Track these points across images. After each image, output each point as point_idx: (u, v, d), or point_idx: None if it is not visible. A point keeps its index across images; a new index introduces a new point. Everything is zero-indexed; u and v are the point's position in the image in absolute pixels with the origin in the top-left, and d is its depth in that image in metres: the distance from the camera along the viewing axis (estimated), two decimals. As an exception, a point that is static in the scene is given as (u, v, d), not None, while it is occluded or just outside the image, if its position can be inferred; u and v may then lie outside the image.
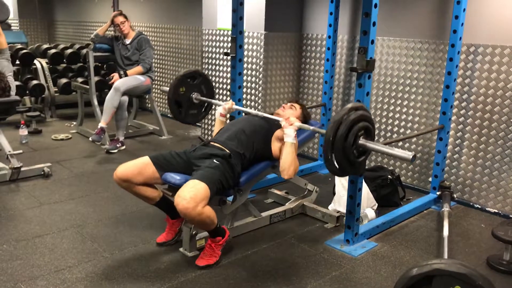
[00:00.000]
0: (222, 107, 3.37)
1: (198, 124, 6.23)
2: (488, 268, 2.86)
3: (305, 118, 3.31)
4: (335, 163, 2.46)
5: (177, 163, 2.85)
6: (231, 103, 3.39)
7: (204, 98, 3.59)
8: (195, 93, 3.57)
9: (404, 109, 4.08)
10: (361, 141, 2.49)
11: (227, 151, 2.85)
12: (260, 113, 3.18)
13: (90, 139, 4.91)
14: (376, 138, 4.27)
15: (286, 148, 2.84)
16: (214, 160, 2.76)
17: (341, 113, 2.42)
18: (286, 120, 2.88)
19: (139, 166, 2.80)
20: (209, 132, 5.45)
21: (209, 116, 5.38)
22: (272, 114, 3.39)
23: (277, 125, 3.07)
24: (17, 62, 6.11)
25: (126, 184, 2.79)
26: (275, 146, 3.03)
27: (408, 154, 2.38)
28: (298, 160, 2.88)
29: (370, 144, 2.48)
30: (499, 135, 3.54)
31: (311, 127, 2.88)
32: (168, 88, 3.51)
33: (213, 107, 3.85)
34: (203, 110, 3.71)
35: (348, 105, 2.48)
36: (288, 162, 2.81)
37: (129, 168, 2.78)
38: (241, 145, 2.92)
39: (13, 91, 4.09)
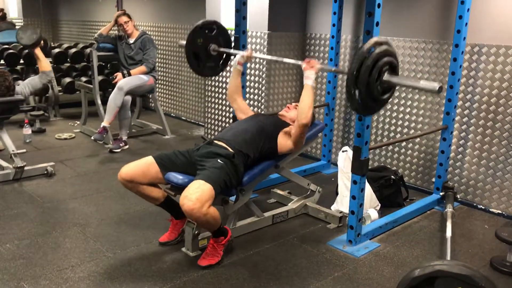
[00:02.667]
0: (241, 55, 3.33)
1: (201, 123, 6.25)
2: (492, 269, 2.84)
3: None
4: (358, 99, 2.37)
5: (180, 163, 2.85)
6: (250, 51, 3.35)
7: (222, 49, 3.51)
8: (212, 45, 3.50)
9: (408, 109, 4.07)
10: (386, 76, 2.39)
11: (231, 150, 2.84)
12: (280, 58, 3.15)
13: (92, 138, 4.92)
14: (380, 138, 4.27)
15: (305, 90, 2.84)
16: (219, 160, 2.75)
17: (365, 47, 2.32)
18: (307, 62, 2.86)
19: (142, 167, 2.80)
20: (212, 132, 5.45)
21: (212, 116, 5.38)
22: (274, 114, 3.39)
23: (282, 125, 3.07)
24: (21, 61, 6.13)
25: (131, 185, 2.79)
26: (281, 142, 3.03)
27: (434, 86, 2.28)
28: (300, 161, 2.87)
29: (395, 79, 2.39)
30: (503, 136, 3.52)
31: (333, 68, 2.81)
32: (185, 42, 3.45)
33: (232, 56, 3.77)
34: (221, 63, 3.63)
35: (372, 39, 2.38)
36: (307, 105, 2.82)
37: (133, 169, 2.78)
38: (245, 145, 2.91)
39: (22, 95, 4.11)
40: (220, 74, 5.12)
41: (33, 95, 5.81)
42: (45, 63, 4.19)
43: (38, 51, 4.15)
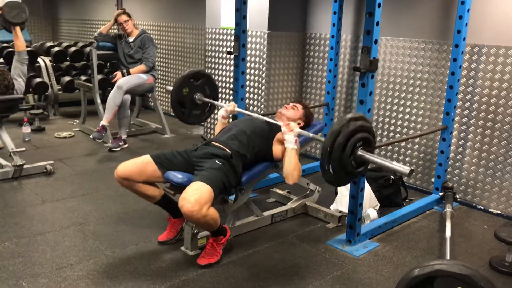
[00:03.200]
0: (224, 109, 3.36)
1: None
2: (491, 269, 2.85)
3: (307, 118, 3.29)
4: (332, 173, 2.44)
5: (178, 162, 2.85)
6: (233, 105, 3.37)
7: (207, 99, 3.57)
8: (198, 94, 3.54)
9: (407, 109, 4.07)
10: (360, 152, 2.45)
11: (228, 151, 2.84)
12: (261, 117, 3.16)
13: (91, 136, 4.92)
14: (379, 138, 4.27)
15: (287, 154, 2.80)
16: (217, 161, 2.75)
17: (340, 123, 2.39)
18: (286, 126, 2.83)
19: (139, 165, 2.80)
20: (212, 131, 5.45)
21: (212, 115, 5.37)
22: (274, 113, 3.39)
23: (278, 128, 3.06)
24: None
25: (127, 183, 2.79)
26: (276, 148, 3.02)
27: (406, 169, 2.35)
28: (300, 160, 2.87)
29: (368, 156, 2.45)
30: (502, 136, 3.53)
31: (311, 134, 2.84)
32: (171, 88, 3.51)
33: (217, 108, 3.84)
34: (206, 110, 3.69)
35: (348, 115, 2.44)
36: (291, 168, 2.77)
37: (129, 167, 2.78)
38: (242, 146, 2.91)
39: (19, 92, 4.10)
40: (220, 74, 5.13)
41: (30, 91, 5.80)
42: (22, 42, 4.17)
43: (18, 30, 4.11)
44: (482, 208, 3.70)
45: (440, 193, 3.72)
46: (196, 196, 2.47)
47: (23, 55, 4.21)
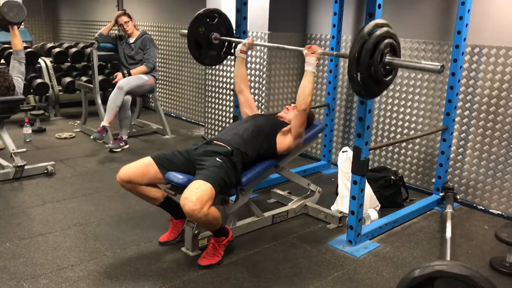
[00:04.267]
0: (242, 43, 3.33)
1: (201, 123, 6.26)
2: (491, 270, 2.85)
3: (309, 119, 3.29)
4: (361, 82, 2.37)
5: (179, 162, 2.85)
6: (252, 39, 3.35)
7: (223, 38, 3.50)
8: (214, 33, 3.49)
9: (408, 110, 4.07)
10: (388, 58, 2.38)
11: (229, 148, 2.85)
12: (282, 46, 3.13)
13: (91, 137, 4.92)
14: (380, 138, 4.27)
15: (306, 76, 2.83)
16: (217, 159, 2.75)
17: (366, 29, 2.32)
18: (308, 48, 2.85)
19: (141, 167, 2.80)
20: (213, 132, 5.45)
21: (212, 116, 5.38)
22: (275, 114, 3.39)
23: (282, 125, 3.07)
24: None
25: (130, 186, 2.79)
26: (280, 140, 3.03)
27: (436, 65, 2.28)
28: (301, 161, 2.87)
29: (397, 61, 2.39)
30: (503, 137, 3.53)
31: (334, 52, 2.80)
32: (186, 31, 3.44)
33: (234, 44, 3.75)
34: (222, 52, 3.62)
35: (372, 21, 2.37)
36: (307, 92, 2.82)
37: (131, 169, 2.78)
38: (244, 144, 2.91)
39: (19, 91, 4.10)
40: (221, 75, 5.14)
41: (31, 92, 5.81)
42: (20, 41, 4.17)
43: (16, 29, 4.11)
44: (483, 208, 3.70)
45: (441, 194, 3.72)
46: (197, 195, 2.48)
47: (21, 53, 4.21)
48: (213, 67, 5.21)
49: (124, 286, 2.54)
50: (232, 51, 3.57)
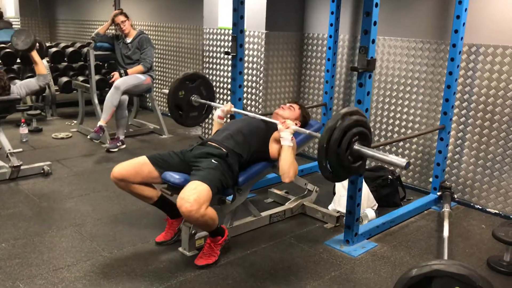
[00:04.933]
0: (221, 109, 3.36)
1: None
2: (489, 269, 2.85)
3: (304, 118, 3.29)
4: (329, 169, 2.45)
5: (174, 163, 2.84)
6: (230, 105, 3.37)
7: (203, 101, 3.58)
8: (194, 96, 3.55)
9: (405, 109, 4.07)
10: (356, 146, 2.46)
11: (224, 150, 2.84)
12: (258, 116, 3.16)
13: (88, 137, 4.92)
14: (377, 138, 4.27)
15: (283, 151, 2.81)
16: (213, 160, 2.74)
17: (334, 119, 2.40)
18: (283, 123, 2.84)
19: (135, 166, 2.79)
20: (210, 131, 5.44)
21: (210, 116, 5.37)
22: (271, 113, 3.38)
23: (274, 127, 3.06)
24: (18, 60, 6.11)
25: (123, 184, 2.78)
26: (272, 147, 3.01)
27: (402, 161, 2.36)
28: (298, 160, 2.87)
29: (365, 150, 2.46)
30: (500, 136, 3.53)
31: (307, 131, 2.86)
32: (167, 91, 3.50)
33: (214, 108, 3.84)
34: (203, 112, 3.69)
35: (342, 110, 2.46)
36: (287, 166, 2.78)
37: (125, 168, 2.77)
38: (238, 145, 2.91)
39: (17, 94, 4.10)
40: (218, 74, 5.13)
41: (29, 95, 5.80)
42: (41, 66, 4.16)
43: (34, 54, 4.11)
44: (480, 207, 3.70)
45: (438, 193, 3.72)
46: (194, 195, 2.46)
47: (44, 78, 4.16)
48: (211, 66, 5.20)
49: (120, 286, 2.53)
50: (213, 112, 3.65)
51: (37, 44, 4.24)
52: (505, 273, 2.79)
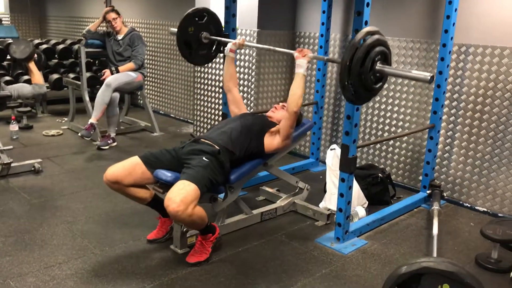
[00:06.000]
0: (232, 43, 3.32)
1: (190, 120, 6.24)
2: (477, 266, 2.88)
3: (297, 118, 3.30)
4: (352, 89, 2.40)
5: (167, 160, 2.84)
6: (242, 39, 3.34)
7: (213, 37, 3.50)
8: (204, 32, 3.48)
9: (396, 108, 4.10)
10: (378, 66, 2.41)
11: (216, 147, 2.84)
12: (273, 48, 3.15)
13: (79, 134, 4.89)
14: (367, 136, 4.30)
15: (296, 79, 2.85)
16: (204, 158, 2.74)
17: (357, 37, 2.34)
18: (300, 51, 2.87)
19: (128, 167, 2.77)
20: (201, 129, 5.44)
21: (201, 114, 5.37)
22: (264, 112, 3.39)
23: (270, 124, 3.07)
24: (8, 57, 6.06)
25: (117, 186, 2.76)
26: (268, 140, 3.03)
27: (426, 75, 2.32)
28: (290, 158, 2.88)
29: (388, 69, 2.42)
30: (489, 135, 3.57)
31: (325, 58, 2.83)
32: (176, 29, 3.43)
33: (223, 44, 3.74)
34: (212, 50, 3.61)
35: (364, 29, 2.40)
36: (298, 94, 2.83)
37: (118, 170, 2.75)
38: (231, 143, 2.91)
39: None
40: (210, 72, 5.13)
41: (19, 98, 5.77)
42: (38, 77, 4.07)
43: (31, 65, 4.05)
44: (469, 206, 3.74)
45: (428, 191, 3.75)
46: (181, 196, 2.46)
47: (39, 88, 4.02)
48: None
49: (112, 284, 2.53)
50: (222, 49, 3.56)
51: (35, 55, 4.19)
52: (492, 270, 2.82)
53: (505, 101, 3.44)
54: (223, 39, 3.49)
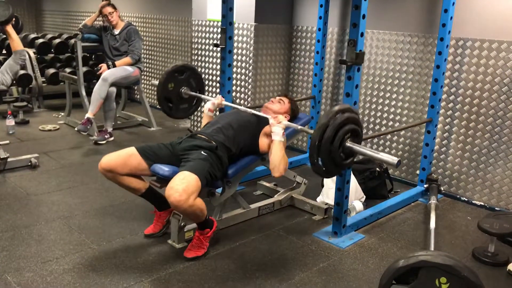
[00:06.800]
0: (211, 102, 3.35)
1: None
2: (474, 260, 2.89)
3: (293, 112, 3.30)
4: (321, 165, 2.46)
5: (163, 155, 2.84)
6: (220, 98, 3.36)
7: (193, 93, 3.56)
8: (184, 88, 3.53)
9: (393, 102, 4.10)
10: (348, 143, 2.47)
11: (213, 143, 2.84)
12: (249, 110, 3.16)
13: (76, 129, 4.88)
14: (365, 131, 4.29)
15: (274, 146, 2.80)
16: (202, 152, 2.74)
17: (327, 116, 2.40)
18: (274, 118, 2.85)
19: (124, 157, 2.78)
20: (199, 124, 5.43)
21: (199, 108, 5.35)
22: (261, 106, 3.39)
23: (265, 121, 3.06)
24: (4, 51, 6.04)
25: (111, 175, 2.77)
26: (262, 141, 3.02)
27: (393, 159, 2.36)
28: (287, 153, 2.87)
29: (357, 147, 2.47)
30: (486, 129, 3.57)
31: (299, 127, 2.87)
32: (157, 82, 3.48)
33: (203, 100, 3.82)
34: (193, 104, 3.67)
35: (335, 108, 2.46)
36: (277, 160, 2.77)
37: (113, 159, 2.76)
38: (227, 139, 2.91)
39: (5, 85, 4.03)
40: (207, 66, 5.11)
41: (14, 80, 5.72)
42: (17, 42, 4.02)
43: (9, 29, 3.96)
44: (466, 199, 3.75)
45: (425, 185, 3.76)
46: (183, 185, 2.46)
47: (20, 54, 4.04)
48: (199, 58, 5.18)
49: (109, 278, 2.53)
50: (202, 104, 3.65)
51: (13, 19, 4.10)
52: (489, 263, 2.84)
53: (502, 95, 3.45)
54: (202, 96, 3.58)
